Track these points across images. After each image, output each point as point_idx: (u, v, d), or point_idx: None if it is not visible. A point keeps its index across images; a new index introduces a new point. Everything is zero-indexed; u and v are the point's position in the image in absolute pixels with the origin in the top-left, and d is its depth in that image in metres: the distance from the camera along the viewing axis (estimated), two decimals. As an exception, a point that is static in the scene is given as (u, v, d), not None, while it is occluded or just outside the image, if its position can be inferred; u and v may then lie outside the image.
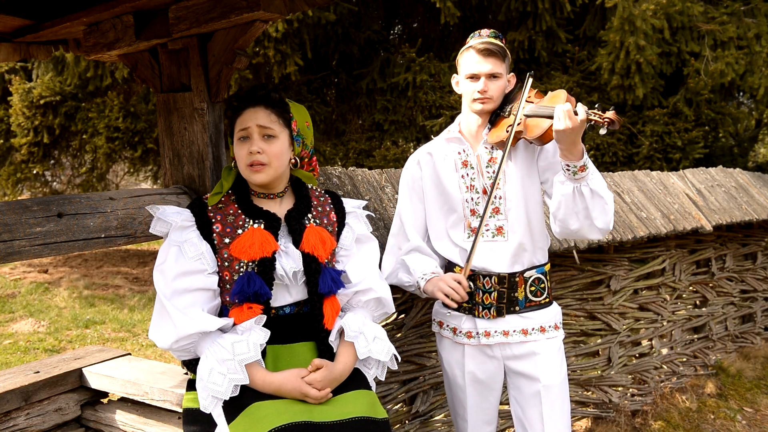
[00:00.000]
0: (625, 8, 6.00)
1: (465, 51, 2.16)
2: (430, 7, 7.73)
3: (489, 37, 2.13)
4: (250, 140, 1.77)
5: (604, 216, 1.99)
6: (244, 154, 1.78)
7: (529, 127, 2.04)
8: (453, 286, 2.05)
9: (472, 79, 2.13)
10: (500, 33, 2.18)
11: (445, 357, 2.30)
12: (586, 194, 1.96)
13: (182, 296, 1.70)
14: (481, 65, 2.10)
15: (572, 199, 1.97)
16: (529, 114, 2.04)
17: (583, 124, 1.86)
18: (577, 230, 2.04)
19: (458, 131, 2.25)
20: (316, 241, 1.81)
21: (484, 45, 2.09)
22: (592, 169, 1.97)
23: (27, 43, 2.56)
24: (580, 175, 1.93)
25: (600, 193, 1.96)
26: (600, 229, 2.01)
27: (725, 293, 4.58)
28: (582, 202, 1.97)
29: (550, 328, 2.19)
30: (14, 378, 2.28)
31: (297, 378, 1.69)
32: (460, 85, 2.21)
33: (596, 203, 1.97)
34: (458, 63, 2.20)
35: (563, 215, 2.02)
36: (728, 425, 3.78)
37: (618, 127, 1.87)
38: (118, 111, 8.17)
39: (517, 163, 2.15)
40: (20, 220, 1.70)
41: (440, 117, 7.17)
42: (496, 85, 2.12)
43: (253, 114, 1.79)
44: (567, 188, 1.97)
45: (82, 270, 9.31)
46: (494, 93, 2.12)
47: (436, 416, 2.88)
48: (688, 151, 6.58)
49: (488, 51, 2.09)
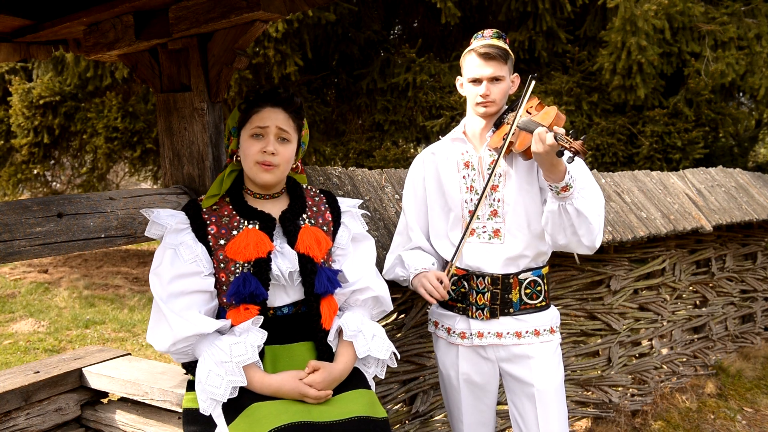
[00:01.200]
0: (626, 8, 6.00)
1: (467, 54, 2.16)
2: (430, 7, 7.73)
3: (492, 38, 2.13)
4: (266, 139, 1.77)
5: (590, 235, 2.01)
6: (255, 151, 1.77)
7: (519, 139, 2.05)
8: (434, 284, 2.07)
9: (474, 82, 2.14)
10: (503, 33, 2.18)
11: (440, 357, 2.30)
12: (571, 213, 1.97)
13: (179, 299, 1.70)
14: (483, 69, 2.10)
15: (558, 216, 1.99)
16: (521, 127, 2.05)
17: (552, 149, 1.85)
18: (565, 245, 2.07)
19: (462, 132, 2.26)
20: (311, 241, 1.81)
21: (485, 49, 2.10)
22: (577, 188, 1.96)
23: (27, 43, 2.56)
24: (564, 195, 1.94)
25: (585, 213, 1.96)
26: (586, 246, 2.04)
27: (725, 293, 4.58)
28: (568, 219, 1.99)
29: (545, 332, 2.18)
30: (14, 378, 2.28)
31: (295, 379, 1.69)
32: (463, 88, 2.22)
33: (582, 222, 1.98)
34: (461, 65, 2.21)
35: (551, 230, 2.05)
36: (728, 425, 3.78)
37: (582, 157, 1.86)
38: (117, 111, 8.18)
39: (518, 168, 2.15)
40: (20, 220, 1.70)
41: (440, 117, 7.17)
42: (499, 88, 2.13)
43: (274, 114, 1.78)
44: (553, 205, 1.99)
45: (82, 270, 9.31)
46: (497, 96, 2.13)
47: (436, 416, 2.88)
48: (688, 152, 6.58)
49: (489, 55, 2.09)
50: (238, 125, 1.85)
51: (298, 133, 1.86)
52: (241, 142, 1.82)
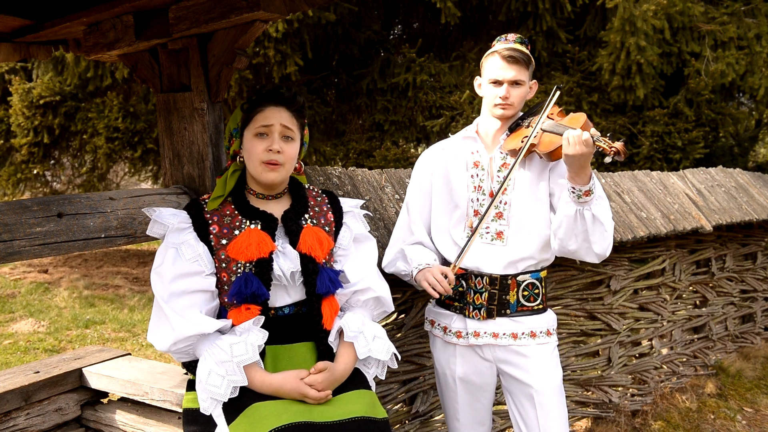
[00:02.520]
0: (626, 9, 6.00)
1: (490, 55, 2.17)
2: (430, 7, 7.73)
3: (515, 43, 2.15)
4: (270, 138, 1.77)
5: (603, 242, 2.02)
6: (260, 150, 1.77)
7: (542, 142, 2.06)
8: (438, 278, 2.06)
9: (495, 84, 2.15)
10: (525, 39, 2.19)
11: (437, 356, 2.31)
12: (587, 218, 1.97)
13: (180, 298, 1.70)
14: (505, 71, 2.11)
15: (573, 221, 1.99)
16: (546, 129, 2.06)
17: (591, 150, 1.87)
18: (575, 251, 2.07)
19: (475, 131, 2.26)
20: (313, 241, 1.81)
21: (509, 52, 2.11)
22: (598, 194, 1.98)
23: (27, 43, 2.56)
24: (585, 199, 1.95)
25: (601, 219, 1.98)
26: (597, 254, 2.04)
27: (725, 293, 4.58)
28: (583, 225, 1.99)
29: (541, 334, 2.18)
30: (14, 378, 2.28)
31: (296, 379, 1.69)
32: (482, 88, 2.22)
33: (597, 228, 1.99)
34: (482, 66, 2.21)
35: (563, 235, 2.05)
36: (728, 425, 3.78)
37: (623, 158, 1.88)
38: (117, 111, 8.18)
39: (528, 173, 2.16)
40: (20, 220, 1.70)
41: (440, 117, 7.17)
42: (518, 92, 2.14)
43: (278, 113, 1.78)
44: (570, 209, 1.99)
45: (82, 270, 9.31)
46: (515, 100, 2.14)
47: (436, 416, 2.88)
48: (688, 152, 6.58)
49: (513, 58, 2.10)
50: (240, 126, 1.85)
51: (301, 132, 1.86)
52: (244, 143, 1.82)
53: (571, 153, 1.88)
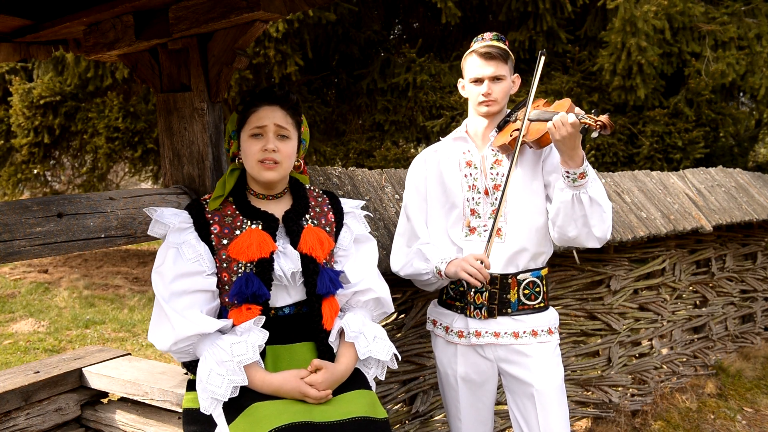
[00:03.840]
0: (626, 9, 6.01)
1: (468, 55, 2.19)
2: (430, 8, 7.74)
3: (492, 41, 2.17)
4: (265, 138, 1.78)
5: (602, 224, 2.02)
6: (256, 150, 1.78)
7: (530, 131, 2.08)
8: (477, 266, 2.04)
9: (476, 82, 2.17)
10: (502, 35, 2.20)
11: (438, 356, 2.31)
12: (585, 202, 1.98)
13: (181, 298, 1.70)
14: (484, 68, 2.13)
15: (571, 206, 1.99)
16: (532, 119, 2.08)
17: (576, 128, 1.87)
18: (575, 237, 2.07)
19: (465, 132, 2.28)
20: (314, 241, 1.81)
21: (485, 49, 2.13)
22: (592, 176, 1.98)
23: (27, 43, 2.56)
24: (580, 183, 1.95)
25: (599, 201, 1.98)
26: (597, 237, 2.04)
27: (725, 293, 4.58)
28: (581, 209, 1.99)
29: (542, 333, 2.17)
30: (14, 378, 2.28)
31: (296, 378, 1.69)
32: (465, 89, 2.24)
33: (595, 211, 1.99)
34: (462, 67, 2.23)
35: (562, 222, 2.05)
36: (728, 425, 3.78)
37: (610, 131, 1.89)
38: (117, 111, 8.18)
39: (522, 168, 2.17)
40: (20, 220, 1.70)
41: (440, 117, 7.18)
42: (500, 87, 2.15)
43: (271, 112, 1.79)
44: (566, 195, 1.99)
45: (82, 270, 9.31)
46: (498, 95, 2.15)
47: (436, 416, 2.88)
48: (688, 151, 6.58)
49: (490, 54, 2.12)
50: (237, 127, 1.86)
51: (297, 130, 1.86)
52: (241, 144, 1.83)
53: (559, 136, 1.89)
